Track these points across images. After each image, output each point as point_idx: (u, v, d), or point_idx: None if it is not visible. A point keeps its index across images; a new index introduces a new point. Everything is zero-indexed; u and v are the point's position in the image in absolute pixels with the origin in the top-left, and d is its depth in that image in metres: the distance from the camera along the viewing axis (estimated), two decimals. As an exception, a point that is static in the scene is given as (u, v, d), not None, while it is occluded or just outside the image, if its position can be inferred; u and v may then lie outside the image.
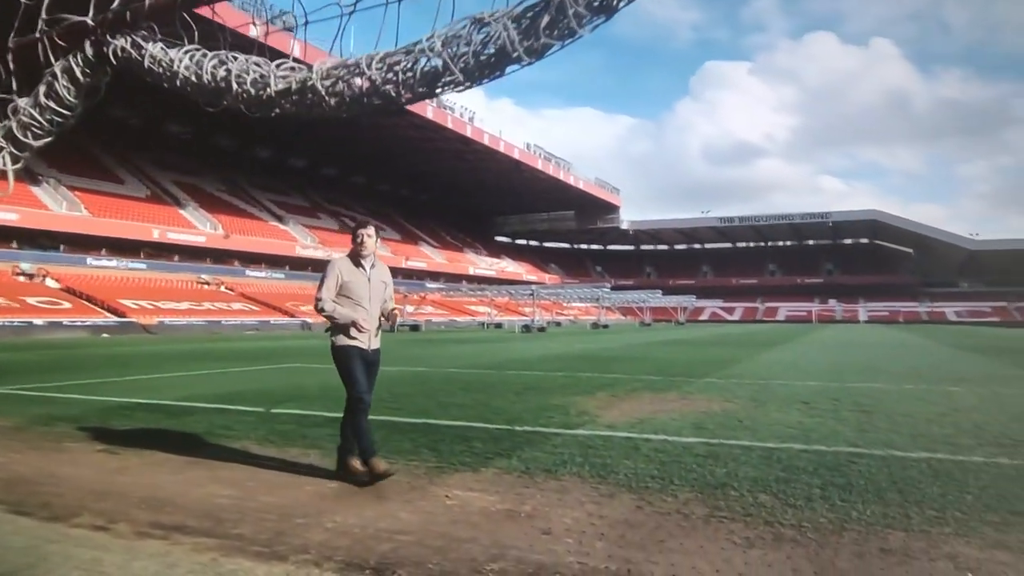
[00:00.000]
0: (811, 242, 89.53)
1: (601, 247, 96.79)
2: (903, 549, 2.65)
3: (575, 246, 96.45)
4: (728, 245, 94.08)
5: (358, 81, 2.95)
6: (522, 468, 4.09)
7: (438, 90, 2.66)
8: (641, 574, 2.48)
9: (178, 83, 3.29)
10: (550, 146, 71.78)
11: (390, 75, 2.83)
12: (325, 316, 3.83)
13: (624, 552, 2.71)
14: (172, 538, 2.82)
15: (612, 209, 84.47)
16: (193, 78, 3.26)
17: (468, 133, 54.65)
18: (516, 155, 62.24)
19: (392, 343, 23.03)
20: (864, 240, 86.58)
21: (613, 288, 54.63)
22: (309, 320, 37.16)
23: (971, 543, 2.70)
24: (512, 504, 3.37)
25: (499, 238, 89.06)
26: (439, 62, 2.67)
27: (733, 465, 4.10)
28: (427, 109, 49.56)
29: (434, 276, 61.48)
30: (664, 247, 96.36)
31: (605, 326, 46.30)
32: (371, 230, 3.95)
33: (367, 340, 3.87)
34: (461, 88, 2.58)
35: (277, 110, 3.20)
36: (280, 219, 53.05)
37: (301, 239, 51.87)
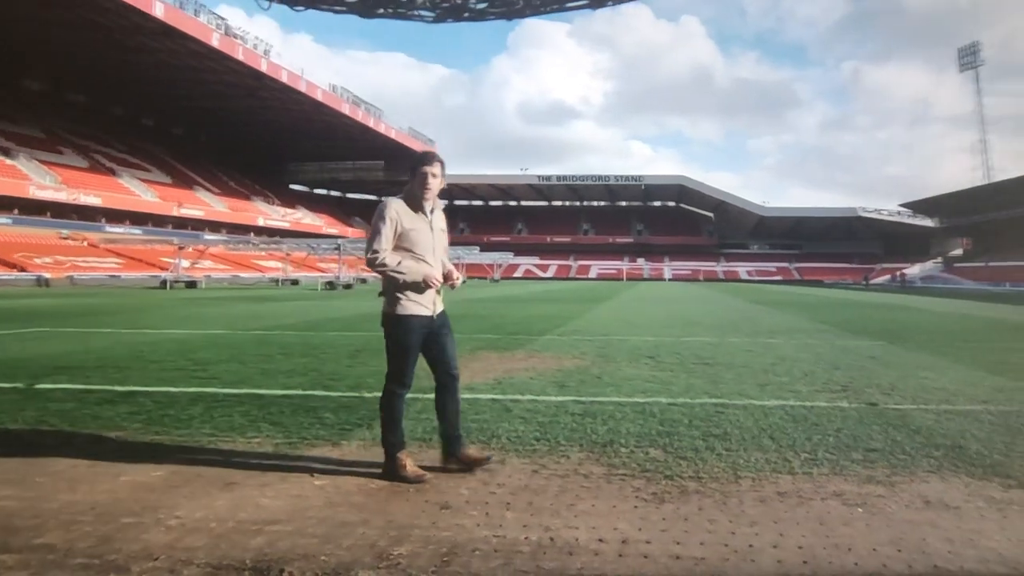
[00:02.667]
0: (623, 203, 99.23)
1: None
2: (796, 491, 3.04)
3: (383, 198, 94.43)
4: (544, 203, 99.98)
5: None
6: (389, 438, 3.89)
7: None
8: (566, 541, 2.50)
9: None
10: (356, 91, 68.69)
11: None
12: (385, 272, 3.18)
13: (538, 519, 2.71)
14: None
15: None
16: None
17: (263, 68, 50.27)
18: (319, 97, 58.81)
19: (169, 302, 20.45)
20: (671, 203, 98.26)
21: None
22: (47, 275, 31.58)
23: (848, 480, 3.20)
24: (394, 479, 3.18)
25: (295, 186, 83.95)
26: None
27: (612, 422, 4.35)
28: (212, 36, 44.23)
29: (214, 226, 55.95)
30: (479, 203, 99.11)
31: (418, 282, 46.42)
32: (436, 167, 3.27)
33: (432, 304, 3.29)
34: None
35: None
36: (6, 152, 43.87)
37: (36, 177, 44.15)
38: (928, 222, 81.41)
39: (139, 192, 52.46)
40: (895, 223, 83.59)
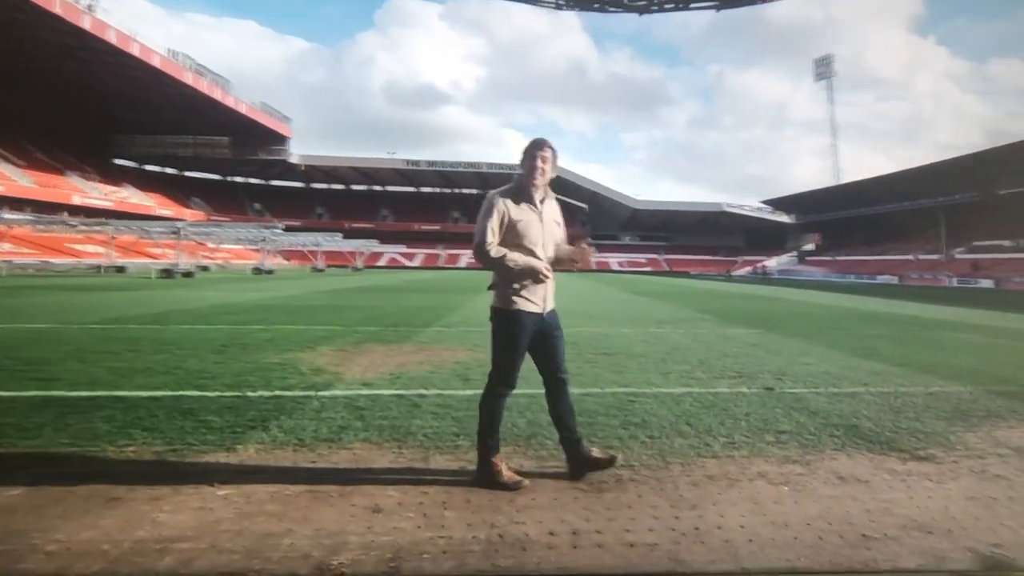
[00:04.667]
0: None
1: (263, 181, 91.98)
2: (724, 474, 3.30)
3: (228, 178, 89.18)
4: (412, 189, 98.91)
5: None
6: (292, 440, 3.75)
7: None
8: (516, 537, 2.55)
9: None
10: (200, 59, 63.46)
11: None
12: (492, 264, 3.10)
13: (481, 517, 2.74)
14: None
15: (280, 140, 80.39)
16: None
17: (86, 25, 45.11)
18: (156, 63, 54.01)
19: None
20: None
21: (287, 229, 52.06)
22: None
23: (768, 461, 3.52)
24: (309, 484, 3.07)
25: (120, 161, 76.34)
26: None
27: (530, 414, 4.45)
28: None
29: (16, 204, 49.53)
30: (340, 187, 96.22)
31: (269, 271, 44.32)
32: (548, 152, 3.20)
33: (543, 300, 3.19)
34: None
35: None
36: None
37: None
38: (785, 218, 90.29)
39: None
40: (757, 218, 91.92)
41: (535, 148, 3.21)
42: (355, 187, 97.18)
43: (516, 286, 3.14)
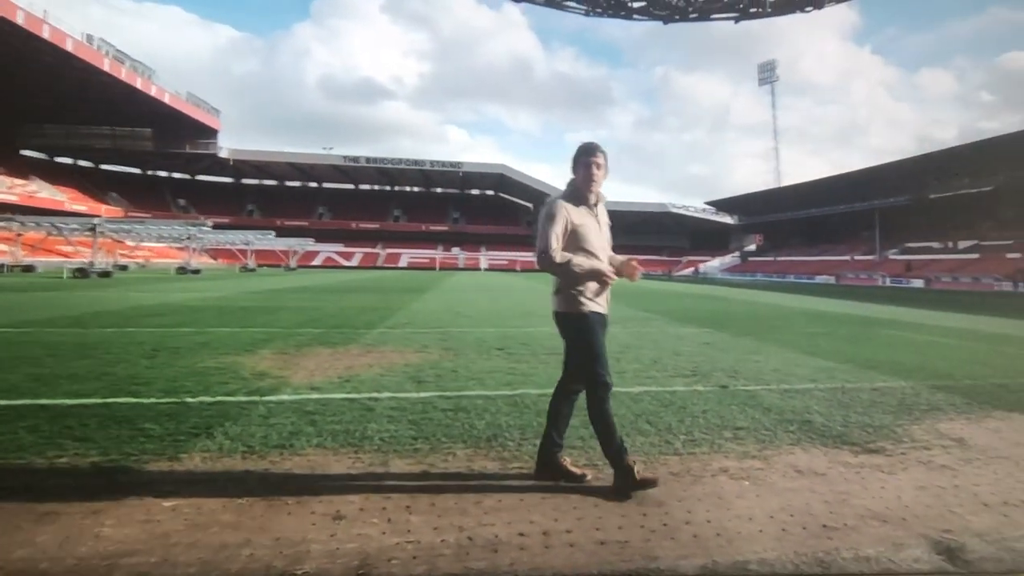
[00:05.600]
0: (440, 190, 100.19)
1: (188, 176, 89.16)
2: (687, 470, 3.40)
3: (149, 172, 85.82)
4: (350, 186, 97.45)
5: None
6: (240, 447, 3.67)
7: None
8: (486, 539, 2.57)
9: None
10: (121, 46, 60.63)
11: None
12: (558, 270, 3.15)
13: (448, 520, 2.75)
14: None
15: (208, 132, 77.75)
16: None
17: None
18: (70, 47, 51.40)
19: None
20: (490, 192, 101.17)
21: (215, 227, 50.39)
22: None
23: (728, 457, 3.65)
24: (263, 492, 3.01)
25: (28, 152, 72.31)
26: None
27: (489, 416, 4.47)
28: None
29: (-98, 198, 46.46)
30: (273, 183, 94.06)
31: (196, 271, 42.89)
32: (600, 157, 3.25)
33: (605, 302, 3.31)
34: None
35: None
36: None
37: None
38: (728, 219, 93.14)
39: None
40: (700, 219, 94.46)
41: (587, 154, 3.25)
42: (289, 183, 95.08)
43: (581, 288, 3.20)
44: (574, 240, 3.18)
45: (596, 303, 3.25)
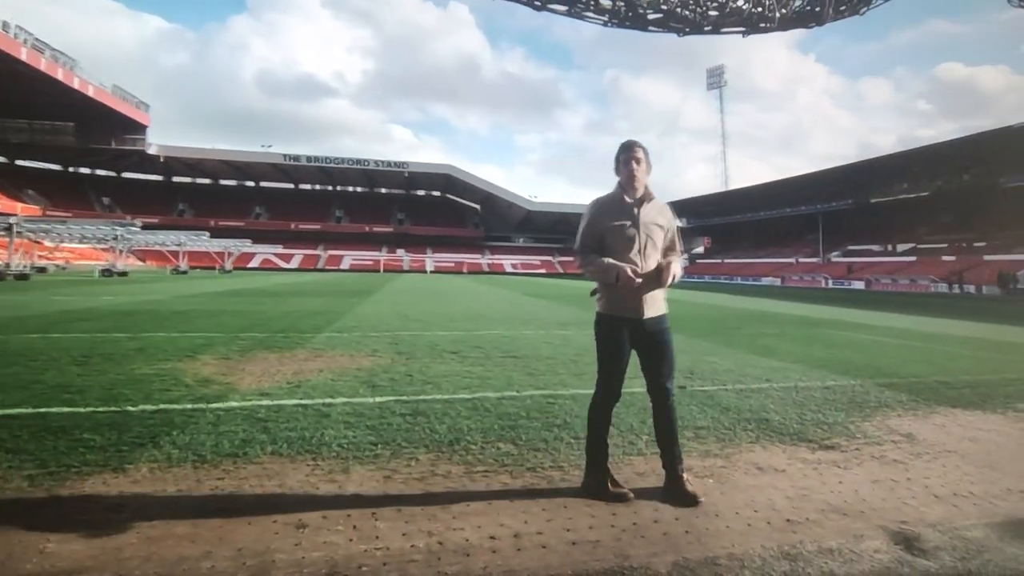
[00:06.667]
0: (384, 190, 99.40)
1: (114, 173, 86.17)
2: (652, 470, 3.49)
3: (71, 169, 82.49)
4: (290, 186, 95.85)
5: None
6: (190, 456, 3.59)
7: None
8: (457, 544, 2.59)
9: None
10: (38, 33, 58.03)
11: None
12: (582, 271, 3.26)
13: (416, 526, 2.76)
14: None
15: (136, 128, 75.32)
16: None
17: None
18: None
19: None
20: (436, 193, 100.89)
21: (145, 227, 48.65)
22: None
23: (691, 456, 3.75)
24: (219, 502, 2.96)
25: (-65, 148, 68.71)
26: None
27: (449, 420, 4.48)
28: None
29: None
30: (206, 181, 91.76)
31: (123, 273, 41.40)
32: (639, 152, 3.23)
33: (638, 305, 3.15)
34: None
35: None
36: None
37: None
38: (678, 222, 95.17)
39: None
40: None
41: (627, 152, 3.23)
42: (224, 182, 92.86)
43: (607, 289, 3.22)
44: (607, 239, 3.18)
45: (622, 306, 3.19)
